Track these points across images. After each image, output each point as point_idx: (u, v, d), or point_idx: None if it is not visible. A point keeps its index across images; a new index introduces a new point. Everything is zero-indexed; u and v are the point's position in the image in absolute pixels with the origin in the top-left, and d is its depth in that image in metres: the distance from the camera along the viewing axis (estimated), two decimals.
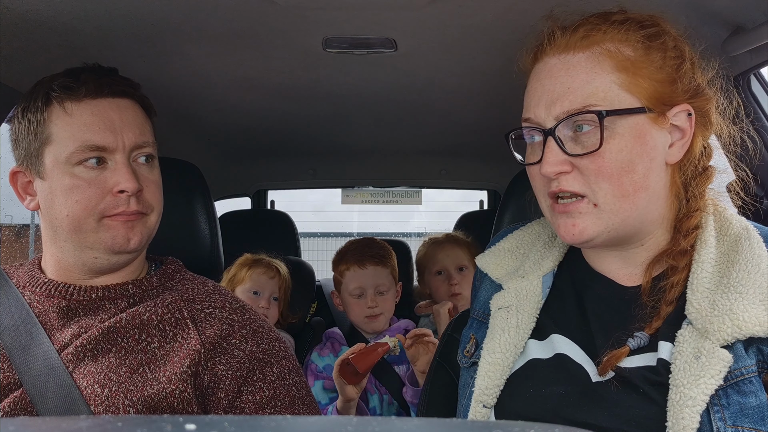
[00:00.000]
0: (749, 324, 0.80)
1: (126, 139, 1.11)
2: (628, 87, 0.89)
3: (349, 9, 1.29)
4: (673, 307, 0.88)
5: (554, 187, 0.91)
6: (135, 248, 1.13)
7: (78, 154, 1.08)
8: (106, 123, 1.10)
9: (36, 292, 1.15)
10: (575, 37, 0.92)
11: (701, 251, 0.90)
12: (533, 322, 0.98)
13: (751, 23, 1.26)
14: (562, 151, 0.90)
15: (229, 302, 1.21)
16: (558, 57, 0.92)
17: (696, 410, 0.78)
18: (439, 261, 2.24)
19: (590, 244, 0.93)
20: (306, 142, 2.57)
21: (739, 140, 0.99)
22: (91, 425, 0.44)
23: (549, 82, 0.92)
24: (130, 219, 1.11)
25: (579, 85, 0.89)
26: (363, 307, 2.01)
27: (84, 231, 1.10)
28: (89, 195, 1.09)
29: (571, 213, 0.91)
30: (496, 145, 2.60)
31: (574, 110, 0.89)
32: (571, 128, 0.90)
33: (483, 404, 0.95)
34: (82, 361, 1.07)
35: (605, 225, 0.90)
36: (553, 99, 0.91)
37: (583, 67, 0.90)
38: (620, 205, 0.89)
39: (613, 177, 0.88)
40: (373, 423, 0.45)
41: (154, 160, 1.19)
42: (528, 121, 0.95)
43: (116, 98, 1.13)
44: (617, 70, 0.89)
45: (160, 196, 1.18)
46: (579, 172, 0.90)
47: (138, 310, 1.13)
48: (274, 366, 1.17)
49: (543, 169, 0.90)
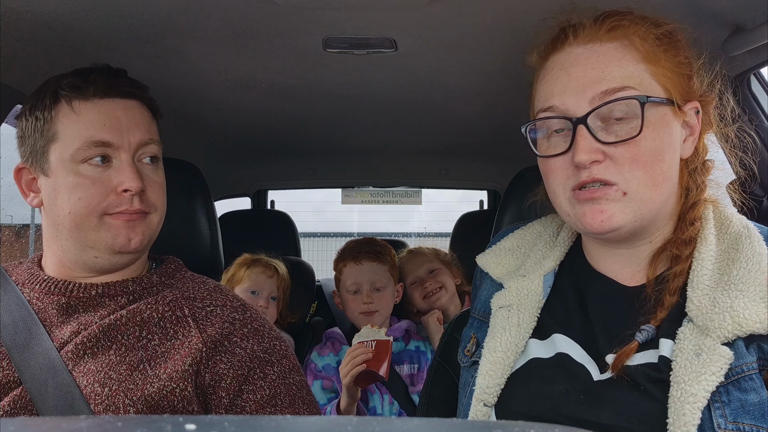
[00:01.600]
0: (750, 321, 0.81)
1: (132, 138, 1.12)
2: (656, 77, 0.90)
3: (349, 9, 1.29)
4: (676, 298, 0.89)
5: (585, 177, 0.89)
6: (136, 248, 1.13)
7: (83, 150, 1.09)
8: (113, 121, 1.11)
9: (35, 289, 1.15)
10: (603, 28, 0.92)
11: (701, 248, 0.90)
12: (534, 321, 0.98)
13: (751, 23, 1.26)
14: (595, 140, 0.88)
15: (230, 300, 1.21)
16: (584, 46, 0.92)
17: (697, 407, 0.78)
18: (411, 271, 2.27)
19: (614, 235, 0.92)
20: (306, 142, 2.57)
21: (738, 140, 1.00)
22: (91, 425, 0.44)
23: (577, 69, 0.91)
24: (132, 219, 1.11)
25: (614, 69, 0.89)
26: (359, 302, 2.02)
27: (85, 229, 1.10)
28: (92, 193, 1.09)
29: (598, 199, 0.89)
30: (496, 145, 2.62)
31: (612, 89, 0.88)
32: (600, 118, 0.89)
33: (484, 403, 0.95)
34: (82, 358, 1.07)
35: (633, 214, 0.89)
36: (586, 83, 0.90)
37: (614, 55, 0.90)
38: (650, 194, 0.89)
39: (647, 165, 0.88)
40: (373, 423, 0.45)
41: (159, 162, 1.19)
42: (551, 110, 0.93)
43: (124, 99, 1.14)
44: (644, 61, 0.90)
45: (163, 197, 1.19)
46: (611, 161, 0.88)
47: (139, 307, 1.13)
48: (275, 365, 1.17)
49: (578, 157, 0.88)
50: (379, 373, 1.66)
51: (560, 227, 1.09)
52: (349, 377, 1.70)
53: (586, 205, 0.90)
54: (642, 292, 0.93)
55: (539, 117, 0.95)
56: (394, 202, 3.41)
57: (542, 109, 0.94)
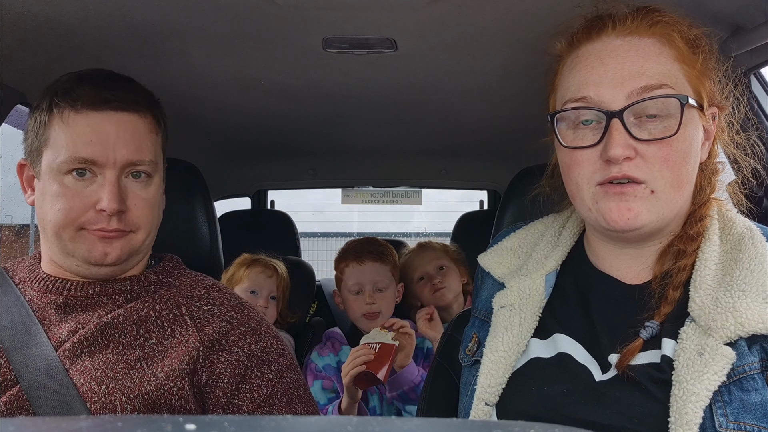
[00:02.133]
0: (752, 321, 0.81)
1: (118, 155, 1.08)
2: (689, 79, 0.90)
3: (349, 9, 1.29)
4: (680, 292, 0.89)
5: (616, 172, 0.88)
6: (113, 262, 1.11)
7: (67, 164, 1.08)
8: (100, 137, 1.08)
9: (34, 287, 1.15)
10: (643, 21, 0.91)
11: (705, 248, 0.91)
12: (536, 320, 0.99)
13: (751, 23, 1.26)
14: (629, 135, 0.87)
15: (227, 299, 1.21)
16: (623, 38, 0.91)
17: (699, 406, 0.78)
18: (418, 267, 2.26)
19: (634, 234, 0.91)
20: (306, 142, 2.57)
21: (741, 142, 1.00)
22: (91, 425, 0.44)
23: (615, 61, 0.89)
24: (108, 236, 1.09)
25: (652, 65, 0.88)
26: (361, 303, 2.01)
27: (64, 239, 1.10)
28: (71, 206, 1.08)
29: (627, 195, 0.88)
30: (496, 145, 2.63)
31: (651, 85, 0.87)
32: (634, 114, 0.88)
33: (485, 402, 0.95)
34: (79, 357, 1.07)
35: (658, 213, 0.89)
36: (624, 76, 0.88)
37: (653, 51, 0.89)
38: (675, 195, 0.89)
39: (676, 166, 0.88)
40: (373, 423, 0.45)
41: (152, 178, 1.15)
42: (584, 101, 0.91)
43: (117, 112, 1.10)
44: (679, 61, 0.90)
45: (151, 215, 1.15)
46: (641, 158, 0.88)
47: (136, 305, 1.13)
48: (272, 364, 1.17)
49: (612, 152, 0.86)
50: (378, 375, 1.66)
51: (562, 227, 1.09)
52: (348, 377, 1.70)
53: (612, 201, 0.89)
54: (645, 290, 0.93)
55: (570, 107, 0.92)
56: (394, 202, 3.41)
57: (573, 99, 0.92)
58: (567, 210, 1.12)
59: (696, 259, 0.90)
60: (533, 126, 1.08)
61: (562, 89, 0.96)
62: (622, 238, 0.94)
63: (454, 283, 2.20)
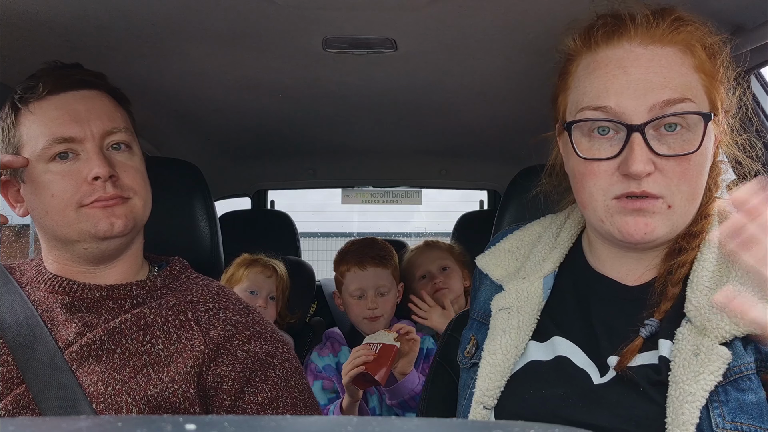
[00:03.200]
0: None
1: (94, 127, 1.11)
2: (707, 90, 0.89)
3: (349, 9, 1.28)
4: (679, 288, 0.89)
5: (635, 188, 0.86)
6: (121, 232, 1.11)
7: (48, 149, 1.09)
8: (72, 114, 1.10)
9: (41, 288, 1.15)
10: (665, 29, 0.88)
11: (704, 250, 0.91)
12: (534, 323, 0.98)
13: (751, 23, 1.26)
14: (650, 150, 0.85)
15: (233, 303, 1.21)
16: (645, 47, 0.88)
17: (695, 406, 0.78)
18: (422, 265, 2.25)
19: (650, 245, 0.91)
20: (306, 142, 2.57)
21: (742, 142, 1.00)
22: (91, 425, 0.44)
23: (638, 71, 0.87)
24: (109, 204, 1.10)
25: (675, 77, 0.86)
26: (363, 308, 2.01)
27: (66, 224, 1.10)
28: (63, 187, 1.09)
29: (645, 211, 0.87)
30: (496, 145, 2.62)
31: (674, 99, 0.85)
32: (654, 127, 0.86)
33: (483, 405, 0.95)
34: (86, 360, 1.07)
35: (672, 227, 0.89)
36: (647, 88, 0.86)
37: (675, 61, 0.88)
38: (689, 207, 0.89)
39: (693, 180, 0.87)
40: (373, 423, 0.45)
41: (132, 148, 1.17)
42: (604, 110, 0.88)
43: (80, 90, 1.13)
44: (699, 71, 0.89)
45: (142, 181, 1.16)
46: (660, 173, 0.86)
47: (142, 311, 1.13)
48: (277, 367, 1.17)
49: (634, 167, 0.84)
50: (375, 377, 1.66)
51: (560, 228, 1.09)
52: (347, 377, 1.70)
53: (629, 216, 0.88)
54: (646, 291, 0.93)
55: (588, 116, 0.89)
56: (394, 202, 3.41)
57: (592, 107, 0.89)
58: (564, 211, 1.11)
59: (695, 259, 0.91)
60: (533, 126, 1.07)
61: (577, 93, 0.93)
62: (632, 248, 0.94)
63: (455, 285, 2.20)
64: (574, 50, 0.96)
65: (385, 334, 1.77)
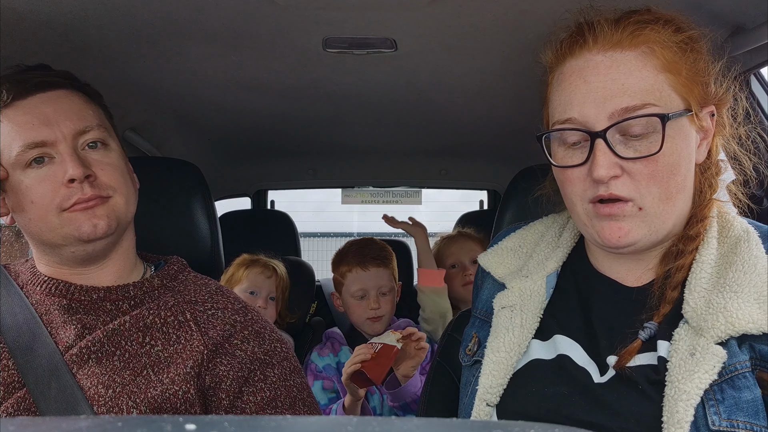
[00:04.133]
0: (742, 321, 0.81)
1: (64, 128, 1.09)
2: (675, 87, 0.89)
3: (349, 9, 1.29)
4: (678, 292, 0.89)
5: (603, 192, 0.88)
6: (105, 232, 1.10)
7: (22, 155, 1.07)
8: (40, 118, 1.08)
9: (37, 291, 1.15)
10: (624, 34, 0.89)
11: (702, 252, 0.91)
12: (537, 322, 0.99)
13: (751, 23, 1.27)
14: (614, 154, 0.87)
15: (231, 303, 1.21)
16: (604, 54, 0.89)
17: (690, 404, 0.79)
18: (453, 254, 2.26)
19: (630, 249, 0.92)
20: (306, 142, 2.57)
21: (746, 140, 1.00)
22: (91, 425, 0.44)
23: (597, 79, 0.88)
24: (89, 206, 1.09)
25: (634, 82, 0.87)
26: (365, 308, 2.01)
27: (50, 229, 1.09)
28: (42, 192, 1.07)
29: (617, 216, 0.89)
30: (496, 145, 2.62)
31: (632, 107, 0.86)
32: (619, 131, 0.87)
33: (486, 403, 0.96)
34: (87, 362, 1.07)
35: (648, 228, 0.89)
36: (606, 96, 0.87)
37: (634, 65, 0.88)
38: (663, 208, 0.89)
39: (663, 180, 0.87)
40: (373, 423, 0.44)
41: (108, 145, 1.15)
42: (570, 122, 0.90)
43: (46, 91, 1.10)
44: (665, 71, 0.89)
45: (121, 177, 1.14)
46: (628, 176, 0.87)
47: (141, 312, 1.13)
48: (276, 367, 1.17)
49: (597, 173, 0.87)
50: (371, 376, 1.66)
51: (563, 228, 1.09)
52: (344, 375, 1.71)
53: (604, 221, 0.90)
54: (645, 292, 0.93)
55: (557, 128, 0.92)
56: (394, 202, 3.41)
57: (560, 121, 0.92)
58: (566, 211, 1.12)
59: (693, 260, 0.91)
60: (533, 126, 1.08)
61: (552, 106, 0.96)
62: (619, 252, 0.95)
63: None
64: (548, 63, 0.99)
65: (390, 336, 1.77)
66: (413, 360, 1.78)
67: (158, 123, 2.12)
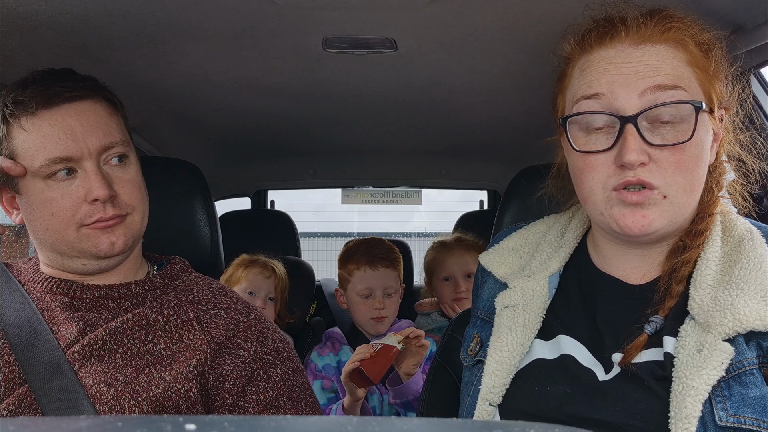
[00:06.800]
0: (750, 318, 0.82)
1: (90, 144, 1.07)
2: (701, 83, 0.90)
3: (349, 9, 1.29)
4: (683, 286, 0.90)
5: (630, 177, 0.87)
6: (121, 251, 1.11)
7: (45, 168, 1.06)
8: (66, 132, 1.06)
9: (38, 288, 1.15)
10: (655, 29, 0.90)
11: (707, 249, 0.92)
12: (540, 321, 0.99)
13: (751, 23, 1.27)
14: (643, 140, 0.87)
15: (234, 303, 1.22)
16: (636, 47, 0.90)
17: (698, 399, 0.79)
18: (447, 267, 2.22)
19: (648, 238, 0.92)
20: (306, 142, 2.57)
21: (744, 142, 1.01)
22: (91, 425, 0.44)
23: (629, 66, 0.89)
24: (109, 225, 1.09)
25: (665, 66, 0.88)
26: (370, 308, 2.01)
27: (66, 243, 1.09)
28: (63, 207, 1.07)
29: (642, 204, 0.88)
30: (496, 145, 2.63)
31: (665, 85, 0.87)
32: (647, 119, 0.88)
33: (489, 402, 0.96)
34: (89, 360, 1.07)
35: (669, 218, 0.90)
36: (638, 77, 0.88)
37: (666, 56, 0.89)
38: (686, 199, 0.90)
39: (688, 171, 0.88)
40: (373, 423, 0.44)
41: (128, 158, 1.14)
42: (596, 98, 0.90)
43: (73, 103, 1.08)
44: (692, 65, 0.90)
45: (139, 194, 1.15)
46: (655, 164, 0.88)
47: (144, 311, 1.13)
48: (279, 367, 1.17)
49: (628, 157, 0.86)
50: (368, 375, 1.66)
51: (565, 228, 1.09)
52: (343, 374, 1.71)
53: (627, 208, 0.89)
54: (650, 289, 0.93)
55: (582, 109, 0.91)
56: (394, 202, 3.41)
57: (586, 96, 0.91)
58: (569, 211, 1.12)
59: (698, 257, 0.91)
60: (533, 126, 1.08)
61: (572, 89, 0.95)
62: (633, 242, 0.95)
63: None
64: (570, 53, 0.98)
65: (391, 338, 1.77)
66: (415, 358, 1.78)
67: (158, 123, 2.12)
